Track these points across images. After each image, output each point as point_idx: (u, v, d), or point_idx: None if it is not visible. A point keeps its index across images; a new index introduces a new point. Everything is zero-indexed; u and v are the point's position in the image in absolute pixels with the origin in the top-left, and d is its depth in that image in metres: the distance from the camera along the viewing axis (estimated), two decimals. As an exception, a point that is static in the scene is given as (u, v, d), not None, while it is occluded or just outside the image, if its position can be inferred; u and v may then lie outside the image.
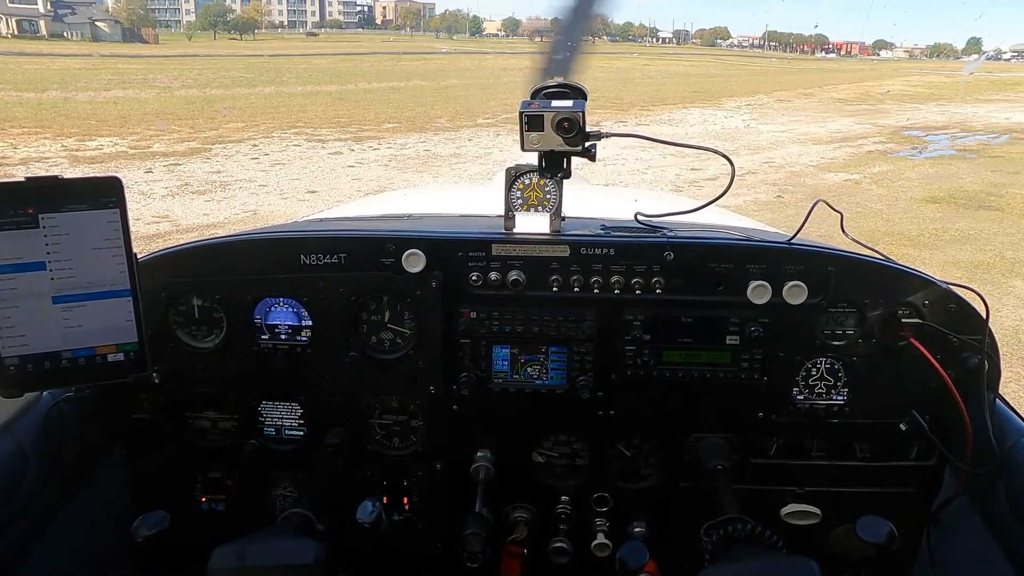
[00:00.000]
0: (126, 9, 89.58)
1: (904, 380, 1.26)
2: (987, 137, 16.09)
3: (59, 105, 16.74)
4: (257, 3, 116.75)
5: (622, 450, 1.35)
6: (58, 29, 78.02)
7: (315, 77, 28.16)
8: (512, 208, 1.26)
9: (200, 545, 0.99)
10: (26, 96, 18.45)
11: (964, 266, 6.27)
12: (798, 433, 1.31)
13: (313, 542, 1.00)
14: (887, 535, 1.10)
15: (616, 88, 26.00)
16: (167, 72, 28.63)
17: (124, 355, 0.99)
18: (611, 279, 1.22)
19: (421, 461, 1.35)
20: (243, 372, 1.32)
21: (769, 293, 1.20)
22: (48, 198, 0.92)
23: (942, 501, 1.28)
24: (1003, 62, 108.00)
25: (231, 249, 1.30)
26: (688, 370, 1.26)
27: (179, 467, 1.39)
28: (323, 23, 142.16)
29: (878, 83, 36.99)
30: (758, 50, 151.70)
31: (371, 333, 1.30)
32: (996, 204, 8.90)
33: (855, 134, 16.03)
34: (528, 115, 1.09)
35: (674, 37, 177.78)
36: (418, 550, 1.40)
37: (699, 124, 17.52)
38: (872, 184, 10.34)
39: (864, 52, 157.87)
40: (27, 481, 1.08)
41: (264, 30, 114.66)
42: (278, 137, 13.28)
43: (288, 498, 1.40)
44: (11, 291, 0.92)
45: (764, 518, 1.07)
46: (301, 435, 1.36)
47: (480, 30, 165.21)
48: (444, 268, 1.23)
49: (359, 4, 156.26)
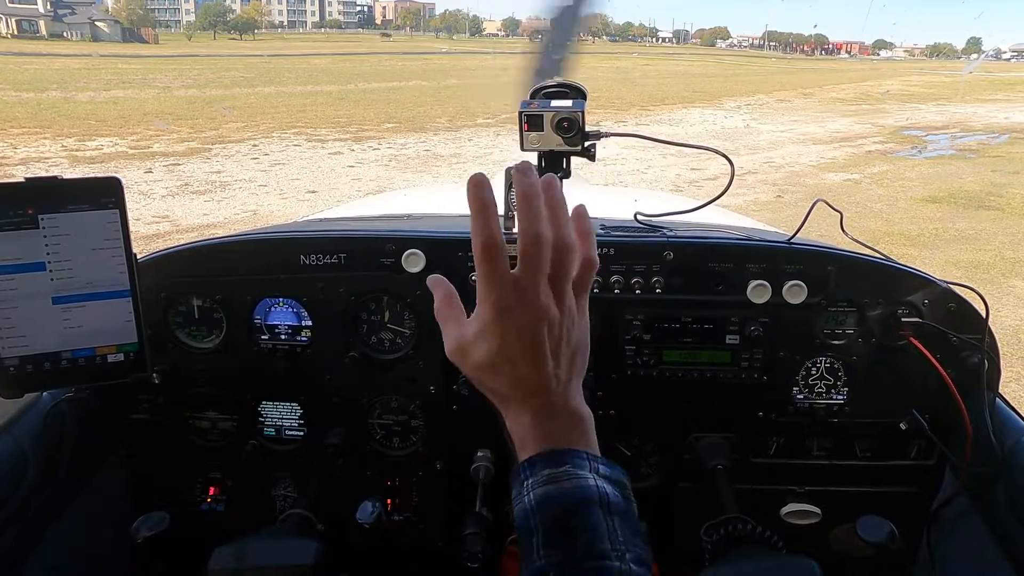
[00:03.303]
0: (126, 9, 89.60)
1: (904, 379, 1.26)
2: (987, 137, 16.09)
3: (59, 105, 16.74)
4: (257, 3, 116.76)
5: (622, 450, 1.35)
6: (58, 29, 78.04)
7: (315, 77, 28.16)
8: (512, 208, 1.26)
9: (200, 545, 0.99)
10: (26, 96, 18.45)
11: (964, 266, 6.27)
12: (798, 432, 1.31)
13: (313, 542, 1.01)
14: (888, 535, 1.11)
15: (616, 88, 25.99)
16: (167, 72, 28.63)
17: (124, 355, 0.99)
18: (611, 279, 1.22)
19: (421, 461, 1.35)
20: (243, 372, 1.32)
21: (769, 292, 1.20)
22: (48, 198, 0.92)
23: (942, 501, 1.28)
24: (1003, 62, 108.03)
25: (231, 249, 1.30)
26: (688, 370, 1.26)
27: (179, 467, 1.39)
28: (323, 23, 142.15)
29: (878, 83, 36.99)
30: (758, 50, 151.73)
31: (371, 333, 1.30)
32: (996, 204, 8.91)
33: (855, 134, 16.03)
34: (527, 115, 1.09)
35: (674, 37, 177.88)
36: (418, 550, 1.40)
37: (699, 124, 17.52)
38: (872, 184, 10.35)
39: (864, 52, 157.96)
40: (27, 481, 1.08)
41: (264, 30, 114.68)
42: (278, 137, 13.28)
43: (288, 498, 1.41)
44: (11, 292, 0.92)
45: (764, 517, 1.07)
46: (301, 435, 1.36)
47: (480, 30, 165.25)
48: (444, 268, 1.23)
49: (359, 4, 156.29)
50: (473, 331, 0.66)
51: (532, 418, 0.66)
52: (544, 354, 0.65)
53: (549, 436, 0.66)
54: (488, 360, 0.65)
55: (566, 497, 0.62)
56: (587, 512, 0.61)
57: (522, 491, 0.64)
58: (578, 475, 0.63)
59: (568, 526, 0.61)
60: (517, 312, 0.63)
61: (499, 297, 0.63)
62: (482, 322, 0.65)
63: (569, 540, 0.60)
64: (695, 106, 21.74)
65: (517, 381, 0.66)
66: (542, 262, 0.63)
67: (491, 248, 0.62)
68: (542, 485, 0.63)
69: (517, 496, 0.65)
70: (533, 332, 0.64)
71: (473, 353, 0.66)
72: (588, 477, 0.63)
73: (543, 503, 0.62)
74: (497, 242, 0.63)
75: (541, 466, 0.64)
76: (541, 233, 0.63)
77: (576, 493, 0.62)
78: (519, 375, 0.65)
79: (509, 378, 0.66)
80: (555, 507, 0.62)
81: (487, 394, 0.69)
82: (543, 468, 0.64)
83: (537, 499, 0.63)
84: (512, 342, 0.64)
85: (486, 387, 0.68)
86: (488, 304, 0.64)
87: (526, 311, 0.63)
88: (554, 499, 0.62)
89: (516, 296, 0.63)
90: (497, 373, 0.66)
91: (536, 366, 0.65)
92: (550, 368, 0.65)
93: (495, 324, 0.64)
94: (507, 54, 54.87)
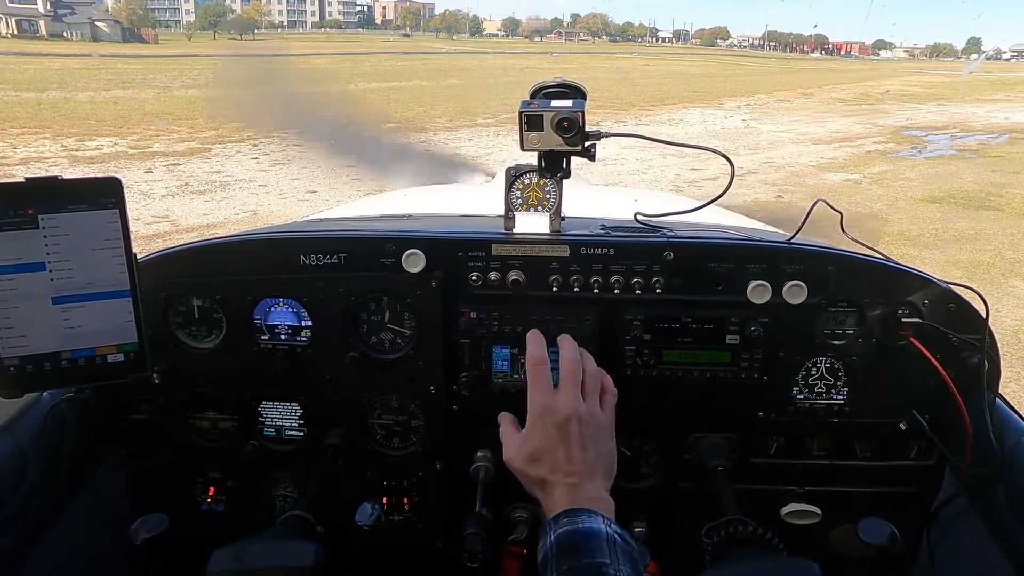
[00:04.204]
0: (126, 9, 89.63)
1: (904, 379, 1.26)
2: (987, 137, 16.10)
3: (59, 105, 16.75)
4: (257, 3, 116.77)
5: (622, 450, 1.34)
6: (58, 29, 78.06)
7: (315, 77, 28.14)
8: (512, 208, 1.26)
9: (200, 546, 0.99)
10: (26, 96, 18.46)
11: (964, 266, 6.28)
12: (798, 433, 1.31)
13: (312, 544, 1.00)
14: (888, 537, 1.11)
15: (616, 88, 26.00)
16: (167, 72, 28.63)
17: (124, 355, 0.99)
18: (611, 279, 1.22)
19: (421, 461, 1.35)
20: (243, 372, 1.32)
21: (769, 293, 1.20)
22: (48, 198, 0.92)
23: (942, 501, 1.28)
24: (1003, 62, 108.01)
25: (231, 249, 1.30)
26: (688, 370, 1.26)
27: (179, 467, 1.39)
28: (323, 23, 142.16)
29: (878, 83, 36.98)
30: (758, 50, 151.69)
31: (371, 333, 1.30)
32: (996, 204, 8.91)
33: (855, 134, 16.04)
34: (527, 115, 1.09)
35: (674, 37, 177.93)
36: (418, 550, 1.40)
37: (699, 124, 17.53)
38: (872, 184, 10.35)
39: (864, 52, 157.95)
40: (27, 481, 1.08)
41: (264, 30, 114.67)
42: (278, 137, 13.27)
43: (288, 498, 1.40)
44: (11, 292, 0.92)
45: (764, 518, 1.07)
46: (301, 435, 1.36)
47: (480, 30, 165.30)
48: (444, 268, 1.23)
49: (359, 4, 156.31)
50: (524, 433, 0.92)
51: (562, 493, 0.84)
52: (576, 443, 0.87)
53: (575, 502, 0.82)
54: (533, 452, 0.88)
55: (578, 530, 0.77)
56: (593, 539, 0.76)
57: (545, 543, 0.79)
58: (592, 519, 0.79)
59: (576, 546, 0.75)
60: (555, 410, 0.89)
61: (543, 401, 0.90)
62: (530, 422, 0.91)
63: (575, 554, 0.74)
64: (695, 106, 21.75)
65: (555, 465, 0.86)
66: (577, 375, 0.93)
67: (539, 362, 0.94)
68: (561, 529, 0.78)
69: (541, 548, 0.79)
70: (566, 424, 0.88)
71: (523, 450, 0.90)
72: (601, 522, 0.79)
73: (559, 540, 0.77)
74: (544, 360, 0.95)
75: (562, 517, 0.80)
76: (577, 358, 0.96)
77: (587, 530, 0.77)
78: (556, 460, 0.86)
79: (548, 464, 0.86)
80: (567, 537, 0.77)
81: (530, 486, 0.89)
82: (563, 518, 0.79)
83: (555, 538, 0.77)
84: (552, 434, 0.87)
85: (531, 477, 0.88)
86: (535, 408, 0.90)
87: (561, 408, 0.89)
88: (569, 533, 0.77)
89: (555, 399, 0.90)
90: (540, 462, 0.87)
91: (568, 452, 0.86)
92: (580, 455, 0.86)
93: (539, 421, 0.89)
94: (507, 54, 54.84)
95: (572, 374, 0.92)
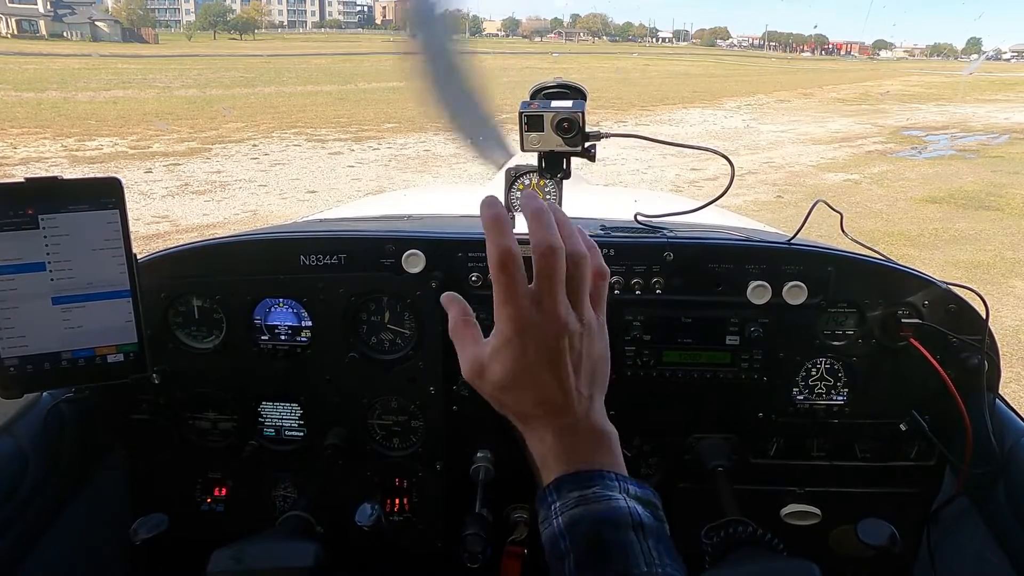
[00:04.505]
0: (126, 9, 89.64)
1: (904, 380, 1.26)
2: (987, 137, 16.10)
3: (59, 105, 16.75)
4: (257, 3, 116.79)
5: (622, 450, 1.35)
6: (58, 29, 78.05)
7: (315, 77, 28.16)
8: (512, 208, 1.26)
9: (200, 546, 0.99)
10: (26, 96, 18.46)
11: (964, 266, 6.28)
12: (798, 433, 1.31)
13: (312, 545, 1.00)
14: (888, 537, 1.11)
15: (616, 88, 26.00)
16: (167, 72, 28.63)
17: (124, 356, 0.99)
18: (611, 279, 1.22)
19: (421, 462, 1.35)
20: (243, 373, 1.32)
21: (769, 293, 1.20)
22: (48, 199, 0.92)
23: (942, 501, 1.28)
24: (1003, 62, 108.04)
25: (231, 249, 1.30)
26: (688, 370, 1.26)
27: (179, 468, 1.39)
28: (323, 23, 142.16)
29: (878, 83, 37.00)
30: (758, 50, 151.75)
31: (371, 334, 1.30)
32: (996, 204, 8.91)
33: (855, 134, 16.04)
34: (527, 115, 1.09)
35: (674, 37, 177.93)
36: (418, 550, 1.40)
37: (699, 124, 17.53)
38: (872, 184, 10.35)
39: (864, 52, 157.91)
40: (27, 481, 1.08)
41: (264, 30, 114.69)
42: (278, 137, 13.29)
43: (288, 499, 1.40)
44: (11, 292, 0.92)
45: (764, 518, 1.07)
46: (301, 436, 1.36)
47: (480, 30, 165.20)
48: (444, 268, 1.23)
49: (359, 4, 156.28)
50: (492, 349, 0.63)
51: (555, 437, 0.64)
52: (566, 368, 0.62)
53: (574, 456, 0.64)
54: (509, 378, 0.63)
55: (598, 520, 0.59)
56: (620, 534, 0.59)
57: (550, 515, 0.62)
58: (608, 496, 0.61)
59: (601, 549, 0.58)
60: (537, 325, 0.61)
61: (518, 311, 0.61)
62: (501, 338, 0.62)
63: (603, 563, 0.58)
64: (695, 106, 21.75)
65: (539, 398, 0.63)
66: (559, 272, 0.61)
67: (508, 260, 0.59)
68: (571, 508, 0.61)
69: (545, 520, 0.62)
70: (554, 345, 0.61)
71: (493, 372, 0.64)
72: (619, 499, 0.61)
73: (573, 527, 0.60)
74: (513, 253, 0.60)
75: (568, 488, 0.62)
76: (554, 244, 0.60)
77: (608, 515, 0.60)
78: (541, 392, 0.63)
79: (531, 396, 0.64)
80: (587, 530, 0.59)
81: (507, 415, 0.67)
82: (571, 490, 0.62)
83: (567, 523, 0.60)
84: (533, 357, 0.62)
85: (507, 407, 0.66)
86: (506, 319, 0.61)
87: (546, 324, 0.61)
88: (585, 521, 0.59)
89: (536, 309, 0.60)
90: (518, 391, 0.64)
91: (558, 381, 0.63)
92: (572, 383, 0.63)
93: (515, 339, 0.61)
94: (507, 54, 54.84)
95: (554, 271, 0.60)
